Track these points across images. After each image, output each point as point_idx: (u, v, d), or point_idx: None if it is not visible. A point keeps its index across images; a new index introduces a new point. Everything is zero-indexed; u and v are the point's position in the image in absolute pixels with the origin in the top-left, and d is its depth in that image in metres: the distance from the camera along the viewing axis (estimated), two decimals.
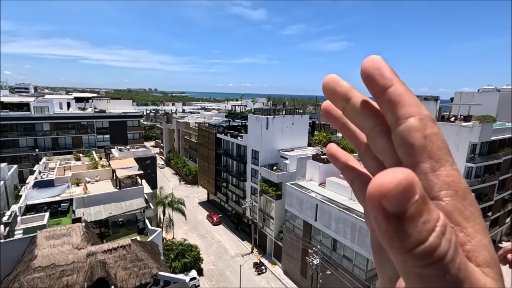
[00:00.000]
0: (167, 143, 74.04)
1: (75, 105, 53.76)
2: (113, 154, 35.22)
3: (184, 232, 38.38)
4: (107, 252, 15.88)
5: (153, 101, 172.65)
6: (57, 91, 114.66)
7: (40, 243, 15.94)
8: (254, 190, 37.44)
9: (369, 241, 14.24)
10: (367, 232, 21.11)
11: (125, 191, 24.82)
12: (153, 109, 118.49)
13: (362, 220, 21.54)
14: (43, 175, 27.98)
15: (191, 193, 53.32)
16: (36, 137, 46.10)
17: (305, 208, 27.40)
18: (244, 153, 39.22)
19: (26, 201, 22.24)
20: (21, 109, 46.53)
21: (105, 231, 22.09)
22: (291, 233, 29.83)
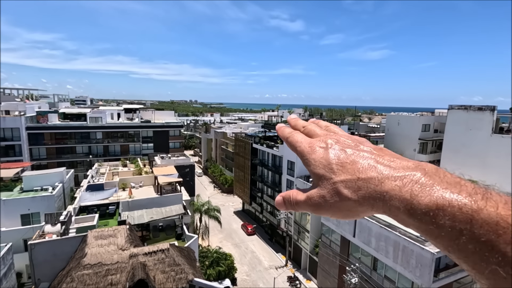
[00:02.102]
0: (205, 152, 76.61)
1: (124, 115, 58.39)
2: (155, 162, 37.34)
3: (219, 240, 38.91)
4: (147, 254, 16.67)
5: (193, 112, 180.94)
6: (109, 103, 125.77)
7: (90, 242, 17.26)
8: None
9: (413, 261, 13.28)
10: (411, 252, 19.53)
11: (166, 197, 26.04)
12: (193, 120, 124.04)
13: (406, 239, 20.00)
14: (95, 179, 30.54)
15: (226, 201, 54.17)
16: (90, 145, 50.76)
17: (343, 222, 26.21)
18: (280, 163, 39.02)
19: (80, 202, 24.37)
20: (79, 119, 51.80)
21: (146, 235, 23.27)
22: (327, 248, 28.65)
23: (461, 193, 0.37)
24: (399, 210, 0.41)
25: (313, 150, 0.55)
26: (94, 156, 50.08)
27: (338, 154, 0.50)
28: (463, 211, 0.36)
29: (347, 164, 0.48)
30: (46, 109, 54.11)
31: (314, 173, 0.53)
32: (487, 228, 0.33)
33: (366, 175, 0.45)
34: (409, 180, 0.41)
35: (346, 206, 0.47)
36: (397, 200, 0.41)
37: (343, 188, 0.46)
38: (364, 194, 0.44)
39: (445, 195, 0.38)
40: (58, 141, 48.43)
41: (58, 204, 26.79)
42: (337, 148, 0.52)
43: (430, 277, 18.54)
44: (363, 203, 0.45)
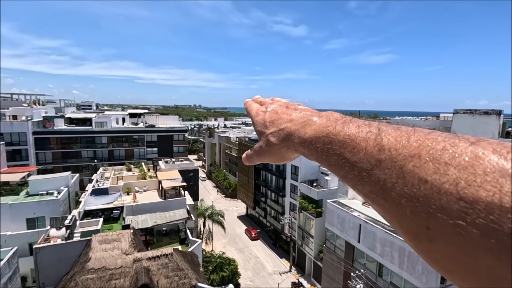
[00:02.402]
0: (209, 156, 76.78)
1: (129, 120, 58.92)
2: (160, 166, 37.50)
3: (222, 245, 38.77)
4: (151, 259, 16.65)
5: (197, 116, 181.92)
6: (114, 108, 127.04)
7: (94, 246, 17.31)
8: (293, 206, 36.70)
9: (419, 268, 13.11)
10: (417, 258, 19.23)
11: (169, 202, 26.08)
12: (197, 124, 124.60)
13: None
14: (99, 183, 30.73)
15: (230, 206, 54.07)
16: (95, 149, 51.20)
17: (347, 227, 25.98)
18: (283, 168, 38.95)
19: (84, 206, 24.50)
20: (84, 124, 52.39)
21: (150, 239, 23.28)
22: (332, 254, 28.37)
23: (333, 123, 0.49)
24: (297, 144, 0.55)
25: (257, 114, 0.71)
26: (99, 160, 50.46)
27: (271, 115, 0.66)
28: (327, 135, 0.47)
29: (275, 121, 0.63)
30: (52, 114, 54.83)
31: (256, 131, 0.69)
32: (339, 145, 0.43)
33: (284, 126, 0.60)
34: (306, 122, 0.54)
35: (275, 150, 0.62)
36: (296, 137, 0.55)
37: (271, 137, 0.62)
38: (282, 138, 0.59)
39: (322, 127, 0.50)
40: (64, 145, 48.95)
41: (63, 208, 26.98)
42: (273, 111, 0.67)
43: (437, 284, 18.22)
44: (283, 146, 0.59)
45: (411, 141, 0.34)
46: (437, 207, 0.28)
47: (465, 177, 0.27)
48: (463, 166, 0.28)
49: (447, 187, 0.28)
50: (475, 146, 0.30)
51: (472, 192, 0.26)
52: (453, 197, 0.27)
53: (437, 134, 0.34)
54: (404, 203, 0.32)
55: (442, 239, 0.28)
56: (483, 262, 0.25)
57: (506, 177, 0.26)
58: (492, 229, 0.24)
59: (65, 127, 50.53)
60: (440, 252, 0.29)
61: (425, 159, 0.31)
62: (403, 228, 0.33)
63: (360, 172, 0.38)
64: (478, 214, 0.25)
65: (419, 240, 0.31)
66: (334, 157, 0.44)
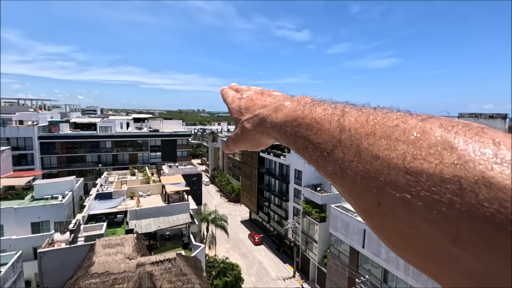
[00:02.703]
0: (212, 161, 76.88)
1: (133, 125, 59.35)
2: (163, 171, 37.62)
3: (226, 250, 38.59)
4: (154, 264, 16.62)
5: (200, 121, 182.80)
6: (118, 113, 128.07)
7: (98, 250, 17.34)
8: (296, 211, 36.51)
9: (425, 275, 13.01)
10: None
11: (173, 206, 26.09)
12: (201, 129, 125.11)
13: None
14: (103, 188, 30.90)
15: (233, 211, 53.92)
16: (100, 154, 51.54)
17: (352, 232, 25.75)
18: (287, 172, 38.84)
19: (88, 211, 24.61)
20: (89, 128, 52.86)
21: (153, 244, 23.26)
22: (336, 259, 28.09)
23: (302, 106, 0.49)
24: (269, 129, 0.55)
25: (233, 101, 0.72)
26: (104, 165, 50.76)
27: (246, 102, 0.66)
28: (296, 118, 0.48)
29: (250, 107, 0.64)
30: (58, 119, 55.43)
31: (232, 118, 0.70)
32: (306, 128, 0.44)
33: (258, 112, 0.60)
34: (278, 107, 0.55)
35: (250, 136, 0.62)
36: (268, 122, 0.55)
37: (246, 124, 0.62)
38: (257, 124, 0.59)
39: (291, 111, 0.50)
40: (68, 150, 49.37)
41: (67, 212, 27.12)
42: (248, 98, 0.68)
43: None
44: (257, 131, 0.59)
45: (369, 121, 0.35)
46: (387, 182, 0.29)
47: (412, 151, 0.28)
48: (411, 141, 0.29)
49: (396, 162, 0.29)
50: (424, 122, 0.30)
51: (417, 165, 0.27)
52: (400, 171, 0.28)
53: (393, 113, 0.35)
54: (359, 180, 0.33)
55: (391, 213, 0.29)
56: (426, 234, 0.26)
57: (448, 149, 0.26)
58: (434, 200, 0.25)
59: (70, 131, 51.04)
60: (390, 227, 0.30)
61: (379, 136, 0.32)
62: (359, 206, 0.34)
63: (322, 152, 0.39)
64: (422, 186, 0.26)
65: (372, 216, 0.32)
66: (301, 139, 0.45)
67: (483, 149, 0.25)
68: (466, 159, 0.25)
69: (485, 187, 0.23)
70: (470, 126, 0.28)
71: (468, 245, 0.23)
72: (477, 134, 0.26)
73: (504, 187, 0.22)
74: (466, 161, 0.25)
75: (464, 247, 0.24)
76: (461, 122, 0.29)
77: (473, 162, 0.24)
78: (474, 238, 0.23)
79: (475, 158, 0.25)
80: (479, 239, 0.23)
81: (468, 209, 0.23)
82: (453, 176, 0.25)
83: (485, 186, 0.23)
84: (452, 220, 0.24)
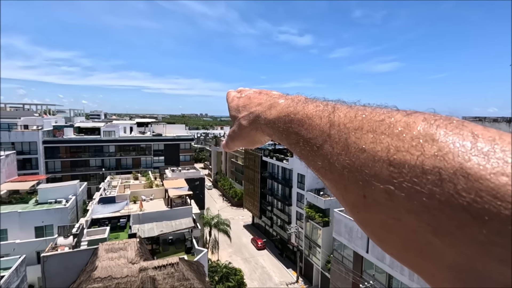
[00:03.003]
0: (215, 165, 76.92)
1: (137, 129, 59.63)
2: (166, 175, 37.69)
3: (228, 255, 38.41)
4: (157, 268, 16.58)
5: (203, 125, 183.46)
6: (122, 117, 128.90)
7: (101, 255, 17.35)
8: (299, 215, 36.33)
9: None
10: None
11: (175, 210, 26.08)
12: (203, 133, 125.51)
13: None
14: (107, 192, 30.98)
15: (236, 215, 53.77)
16: (103, 158, 51.81)
17: (355, 237, 25.53)
18: (290, 176, 38.74)
19: (92, 215, 24.66)
20: (93, 133, 53.21)
21: (156, 248, 23.21)
22: (339, 264, 27.82)
23: (295, 103, 0.50)
24: (263, 125, 0.57)
25: (233, 100, 0.74)
26: (107, 169, 50.98)
27: (244, 100, 0.69)
28: (288, 115, 0.49)
29: (247, 105, 0.66)
30: (62, 124, 55.90)
31: (230, 115, 0.72)
32: (297, 123, 0.46)
33: (254, 109, 0.62)
34: (272, 104, 0.57)
35: (245, 133, 0.64)
36: (262, 119, 0.57)
37: (242, 121, 0.64)
38: (252, 121, 0.61)
39: (284, 108, 0.52)
40: (72, 154, 49.70)
41: (71, 216, 27.22)
42: (246, 97, 0.70)
43: None
44: (252, 128, 0.61)
45: (357, 116, 0.37)
46: (371, 174, 0.30)
47: (395, 143, 0.29)
48: (395, 134, 0.30)
49: (380, 154, 0.30)
50: (409, 116, 0.31)
51: (400, 157, 0.28)
52: (384, 163, 0.29)
53: (380, 108, 0.36)
54: (346, 173, 0.33)
55: (375, 205, 0.30)
56: (408, 225, 0.27)
57: (429, 141, 0.27)
58: (415, 191, 0.26)
59: (74, 136, 51.41)
60: (375, 221, 0.31)
61: (366, 130, 0.34)
62: (346, 200, 0.35)
63: (312, 147, 0.40)
64: (404, 178, 0.27)
65: (357, 210, 0.33)
66: (292, 135, 0.46)
67: (462, 141, 0.26)
68: (446, 150, 0.26)
69: (463, 178, 0.23)
70: (451, 120, 0.29)
71: (447, 235, 0.24)
72: (457, 127, 0.27)
73: (480, 177, 0.23)
74: (445, 153, 0.25)
75: (443, 237, 0.24)
76: (443, 116, 0.30)
77: (452, 154, 0.25)
78: (453, 228, 0.23)
79: (454, 150, 0.25)
80: (457, 229, 0.23)
81: (447, 199, 0.24)
82: (434, 167, 0.25)
83: (462, 176, 0.23)
84: (432, 210, 0.25)
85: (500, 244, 0.21)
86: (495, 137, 0.25)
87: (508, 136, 0.25)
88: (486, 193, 0.22)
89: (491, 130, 0.26)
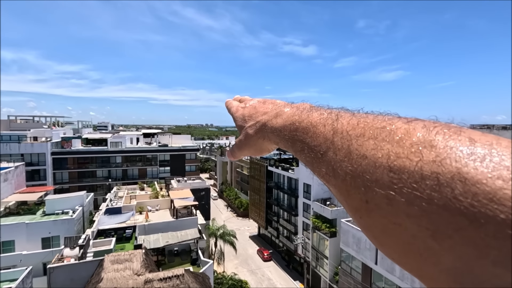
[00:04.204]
0: (221, 175, 76.85)
1: (143, 140, 60.28)
2: (172, 185, 37.76)
3: (234, 266, 37.88)
4: (162, 280, 16.41)
5: (209, 135, 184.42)
6: (129, 128, 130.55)
7: (106, 266, 17.27)
8: (306, 225, 35.84)
9: None
10: None
11: (181, 221, 25.99)
12: (209, 143, 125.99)
13: None
14: (113, 203, 31.10)
15: (242, 226, 53.27)
16: (110, 169, 52.26)
17: (363, 248, 25.00)
18: (296, 186, 38.45)
19: (98, 226, 24.72)
20: (100, 144, 53.90)
21: (162, 259, 23.05)
22: (348, 276, 27.17)
23: (300, 112, 0.51)
24: (270, 133, 0.58)
25: (237, 110, 0.75)
26: (114, 179, 51.32)
27: (249, 110, 0.70)
28: (293, 123, 0.50)
29: (253, 114, 0.67)
30: (70, 135, 56.85)
31: (237, 125, 0.73)
32: (302, 131, 0.47)
33: (260, 118, 0.64)
34: (278, 113, 0.58)
35: (252, 141, 0.65)
36: (268, 127, 0.59)
37: (249, 130, 0.65)
38: (258, 130, 0.63)
39: (289, 116, 0.53)
40: (80, 165, 50.28)
41: (77, 227, 27.29)
42: (251, 106, 0.71)
43: None
44: (259, 136, 0.63)
45: (359, 123, 0.38)
46: (373, 180, 0.31)
47: (395, 150, 0.30)
48: (396, 141, 0.31)
49: (381, 161, 0.31)
50: (409, 123, 0.32)
51: (399, 163, 0.29)
52: (385, 169, 0.30)
53: (382, 116, 0.37)
54: (348, 179, 0.34)
55: (377, 210, 0.30)
56: (407, 229, 0.27)
57: (428, 147, 0.28)
58: (415, 196, 0.26)
59: (82, 147, 52.11)
60: (377, 226, 0.31)
61: (367, 137, 0.35)
62: (349, 205, 0.35)
63: (317, 154, 0.41)
64: (404, 183, 0.27)
65: (360, 215, 0.33)
66: (298, 142, 0.47)
67: (459, 146, 0.26)
68: (443, 156, 0.26)
69: (460, 182, 0.24)
70: (449, 127, 0.29)
71: (445, 239, 0.24)
72: (455, 133, 0.28)
73: (477, 181, 0.23)
74: (443, 158, 0.26)
75: (442, 241, 0.25)
76: (443, 123, 0.31)
77: (450, 159, 0.26)
78: (450, 231, 0.24)
79: (452, 155, 0.26)
80: (454, 232, 0.24)
81: (445, 203, 0.24)
82: (432, 172, 0.26)
83: (460, 181, 0.24)
84: (431, 215, 0.25)
85: (496, 247, 0.21)
86: (492, 142, 0.26)
87: (505, 140, 0.26)
88: (483, 197, 0.22)
89: (489, 136, 0.27)
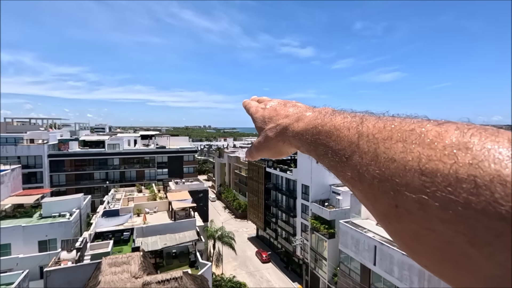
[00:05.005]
0: (219, 177, 76.70)
1: (141, 142, 60.05)
2: (170, 187, 37.61)
3: (233, 268, 37.75)
4: (160, 283, 16.29)
5: (207, 137, 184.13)
6: (126, 130, 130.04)
7: (104, 269, 17.14)
8: (304, 227, 35.81)
9: None
10: (438, 281, 18.18)
11: (179, 223, 25.88)
12: (207, 145, 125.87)
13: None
14: (110, 205, 30.92)
15: (240, 227, 53.15)
16: (108, 171, 52.03)
17: (362, 249, 25.00)
18: (294, 187, 38.43)
19: (95, 228, 24.55)
20: (98, 146, 53.65)
21: (160, 262, 22.92)
22: (346, 278, 27.15)
23: (322, 115, 0.51)
24: (291, 137, 0.57)
25: (257, 111, 0.74)
26: (111, 182, 51.07)
27: (270, 112, 0.69)
28: (315, 126, 0.49)
29: (274, 117, 0.66)
30: (67, 137, 56.51)
31: (256, 127, 0.73)
32: (325, 135, 0.46)
33: (281, 121, 0.63)
34: (299, 117, 0.58)
35: (272, 144, 0.65)
36: (290, 131, 0.58)
37: (269, 132, 0.65)
38: (279, 133, 0.62)
39: (311, 120, 0.52)
40: (77, 167, 50.00)
41: (74, 230, 27.09)
42: (271, 108, 0.70)
43: None
44: (279, 140, 0.62)
45: (386, 126, 0.36)
46: (403, 184, 0.29)
47: (427, 153, 0.29)
48: (427, 144, 0.30)
49: (411, 164, 0.29)
50: (440, 126, 0.31)
51: (432, 166, 0.27)
52: (416, 173, 0.28)
53: (410, 118, 0.36)
54: (376, 183, 0.33)
55: (408, 215, 0.29)
56: (442, 235, 0.26)
57: (463, 149, 0.26)
58: (450, 200, 0.25)
59: (79, 149, 51.83)
60: (407, 231, 0.30)
61: (395, 140, 0.33)
62: (376, 210, 0.34)
63: (341, 158, 0.40)
64: (437, 187, 0.26)
65: (389, 220, 0.32)
66: (321, 146, 0.47)
67: (498, 148, 0.25)
68: (481, 158, 0.25)
69: (501, 185, 0.22)
70: (486, 128, 0.28)
71: (484, 246, 0.23)
72: (493, 134, 0.27)
73: None
74: (481, 161, 0.25)
75: (480, 248, 0.23)
76: (478, 125, 0.29)
77: (488, 162, 0.24)
78: (490, 237, 0.22)
79: (490, 157, 0.25)
80: (495, 239, 0.22)
81: (483, 208, 0.23)
82: (468, 175, 0.24)
83: (500, 184, 0.22)
84: (468, 219, 0.24)
85: None
86: None
87: None
88: None
89: None
